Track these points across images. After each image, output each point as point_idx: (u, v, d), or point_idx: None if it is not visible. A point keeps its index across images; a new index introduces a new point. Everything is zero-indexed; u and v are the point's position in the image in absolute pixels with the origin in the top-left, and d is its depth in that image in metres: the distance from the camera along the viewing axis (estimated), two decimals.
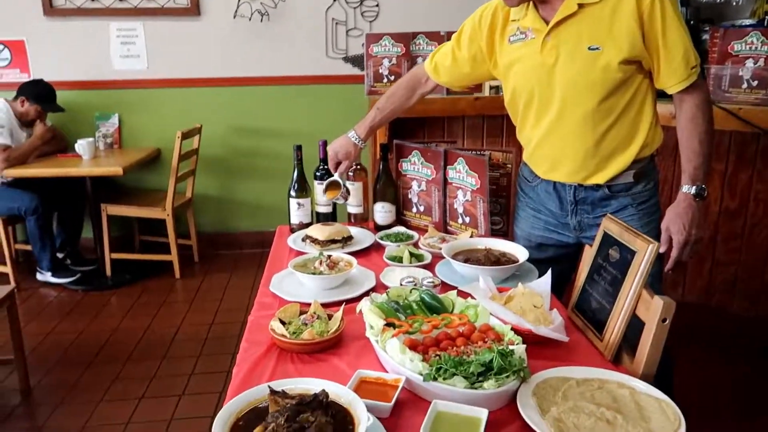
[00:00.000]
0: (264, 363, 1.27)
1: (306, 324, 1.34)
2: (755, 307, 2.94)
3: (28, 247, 3.98)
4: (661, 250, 1.59)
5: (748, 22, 3.17)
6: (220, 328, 3.31)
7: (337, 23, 4.26)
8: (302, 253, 1.83)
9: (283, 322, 1.34)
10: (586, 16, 1.57)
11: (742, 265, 2.93)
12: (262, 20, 4.19)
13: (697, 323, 2.76)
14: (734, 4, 3.38)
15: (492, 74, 1.84)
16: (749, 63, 2.67)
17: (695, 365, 2.61)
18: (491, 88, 3.09)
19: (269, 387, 1.01)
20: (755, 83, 2.66)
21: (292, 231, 2.12)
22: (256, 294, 1.66)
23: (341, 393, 1.03)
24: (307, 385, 1.06)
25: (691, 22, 3.25)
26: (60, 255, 4.05)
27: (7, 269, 3.83)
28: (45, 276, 3.90)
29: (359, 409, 0.97)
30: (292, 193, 2.10)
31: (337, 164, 2.02)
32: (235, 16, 4.17)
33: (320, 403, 0.96)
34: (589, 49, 1.57)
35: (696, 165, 1.62)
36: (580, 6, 1.56)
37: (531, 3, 1.63)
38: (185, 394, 2.68)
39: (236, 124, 4.39)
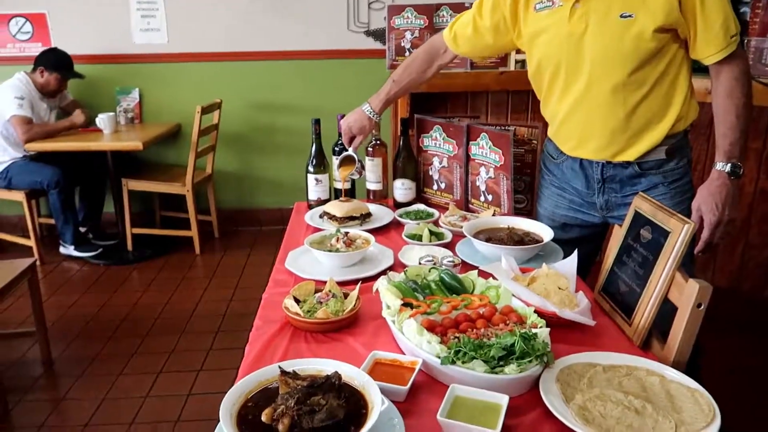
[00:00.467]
0: (277, 342, 1.24)
1: (321, 302, 1.31)
2: None
3: (52, 221, 4.02)
4: None
5: None
6: (239, 305, 3.31)
7: None
8: (319, 230, 1.80)
9: (297, 300, 1.31)
10: None
11: None
12: None
13: (728, 309, 2.66)
14: None
15: (515, 45, 1.76)
16: None
17: (725, 354, 2.52)
18: (517, 62, 2.99)
19: (279, 367, 0.97)
20: None
21: (310, 207, 2.08)
22: None
23: (355, 375, 0.99)
24: (320, 366, 1.02)
25: None
26: (82, 229, 4.10)
27: (31, 243, 3.88)
28: (68, 250, 3.95)
29: (373, 392, 0.93)
30: (310, 168, 2.06)
31: (352, 139, 1.97)
32: None
33: (332, 385, 0.92)
34: (621, 16, 1.48)
35: (732, 141, 1.54)
36: None
37: None
38: (203, 369, 2.69)
39: (257, 99, 4.35)
